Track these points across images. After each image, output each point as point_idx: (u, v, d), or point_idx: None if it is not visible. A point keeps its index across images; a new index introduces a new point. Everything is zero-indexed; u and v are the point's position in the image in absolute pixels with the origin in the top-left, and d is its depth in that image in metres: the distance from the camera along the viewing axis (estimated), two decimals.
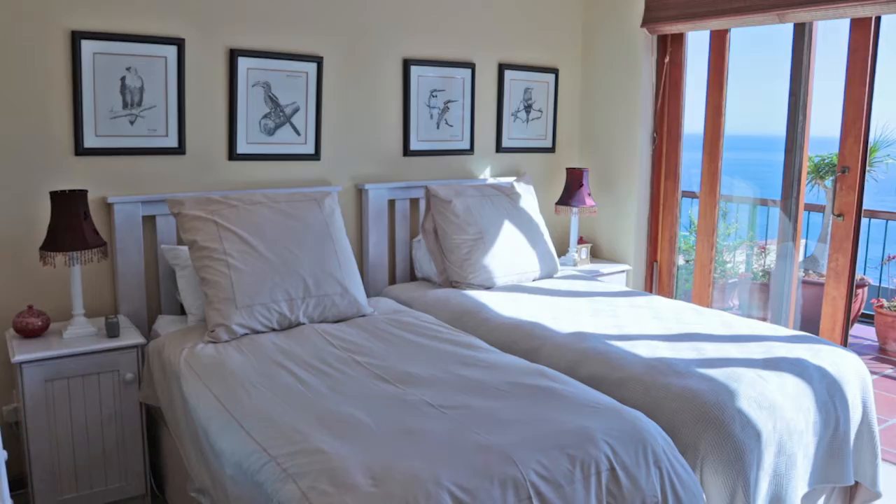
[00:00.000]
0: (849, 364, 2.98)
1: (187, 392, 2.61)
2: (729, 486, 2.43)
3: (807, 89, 4.04)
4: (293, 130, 3.82)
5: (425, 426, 2.17)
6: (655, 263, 4.80)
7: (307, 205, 3.40)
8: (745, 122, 5.28)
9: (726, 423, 2.46)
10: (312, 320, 3.19)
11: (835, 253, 3.87)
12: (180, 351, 2.85)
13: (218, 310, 3.00)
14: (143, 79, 3.35)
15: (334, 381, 2.56)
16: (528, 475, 1.95)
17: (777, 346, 3.02)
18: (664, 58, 4.60)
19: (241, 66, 3.60)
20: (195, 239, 3.11)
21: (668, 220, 4.73)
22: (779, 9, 3.80)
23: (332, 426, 2.18)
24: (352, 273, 3.36)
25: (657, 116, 4.66)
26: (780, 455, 2.59)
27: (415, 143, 4.28)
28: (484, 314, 3.44)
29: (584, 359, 2.90)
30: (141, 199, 3.38)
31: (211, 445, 2.33)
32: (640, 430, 2.23)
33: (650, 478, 2.14)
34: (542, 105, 4.82)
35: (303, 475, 1.91)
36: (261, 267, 3.10)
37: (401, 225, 4.23)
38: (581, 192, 4.58)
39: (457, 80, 4.39)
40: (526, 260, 4.03)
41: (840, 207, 3.84)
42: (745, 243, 6.52)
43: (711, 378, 2.65)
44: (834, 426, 2.81)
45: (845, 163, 3.80)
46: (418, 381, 2.54)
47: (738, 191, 6.19)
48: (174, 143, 3.49)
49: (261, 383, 2.53)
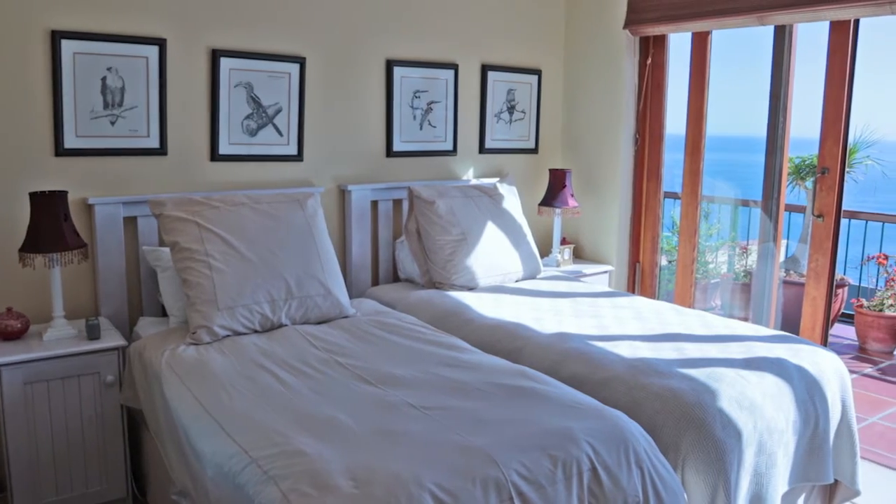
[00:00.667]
0: (828, 363, 3.00)
1: (168, 394, 2.60)
2: (710, 485, 2.44)
3: (787, 91, 4.07)
4: (276, 131, 3.81)
5: (407, 427, 2.17)
6: (638, 264, 4.82)
7: (289, 206, 3.40)
8: (727, 123, 5.32)
9: (707, 422, 2.48)
10: (295, 322, 3.18)
11: (815, 253, 3.90)
12: (161, 353, 2.84)
13: (199, 311, 2.98)
14: (124, 79, 3.33)
15: (316, 382, 2.55)
16: (509, 476, 1.95)
17: (757, 346, 3.04)
18: (646, 59, 4.62)
19: (223, 66, 3.59)
20: (177, 240, 3.10)
21: (650, 220, 4.75)
22: (759, 11, 3.83)
23: (313, 428, 2.18)
24: (334, 274, 3.36)
25: (639, 117, 4.69)
26: (760, 454, 2.61)
27: (398, 143, 4.27)
28: (467, 315, 3.44)
29: (566, 359, 2.91)
30: (122, 201, 3.36)
31: (192, 447, 2.32)
32: (621, 430, 2.24)
33: (632, 478, 2.15)
34: (525, 106, 4.84)
35: (284, 477, 1.90)
36: (243, 268, 3.09)
37: (384, 226, 4.22)
38: (564, 193, 4.59)
39: (440, 80, 4.39)
40: (509, 261, 4.04)
41: (820, 208, 3.87)
42: (727, 244, 6.55)
43: (692, 378, 2.66)
44: (814, 425, 2.83)
45: (825, 164, 3.83)
46: (400, 383, 2.54)
47: (719, 191, 6.22)
48: (156, 144, 3.47)
49: (242, 385, 2.52)
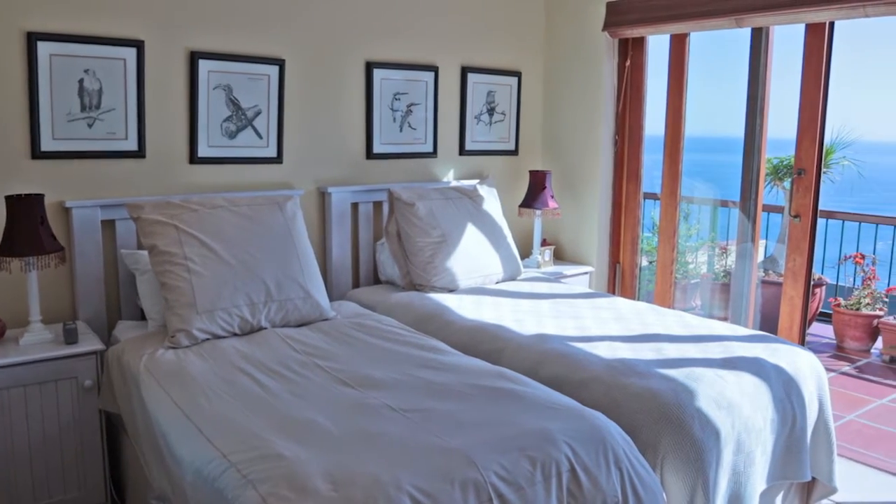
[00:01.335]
0: (805, 362, 3.03)
1: (147, 398, 2.58)
2: (689, 484, 2.46)
3: (764, 92, 4.11)
4: (255, 133, 3.79)
5: (386, 429, 2.17)
6: (618, 265, 4.84)
7: (269, 208, 3.38)
8: (705, 124, 5.35)
9: (686, 422, 2.49)
10: (274, 325, 3.17)
11: (792, 253, 3.94)
12: (140, 357, 2.82)
13: (178, 315, 2.97)
14: (101, 81, 3.31)
15: (295, 385, 2.55)
16: (488, 477, 1.96)
17: (735, 346, 3.06)
18: (625, 61, 4.64)
19: (201, 68, 3.57)
20: (155, 243, 3.08)
21: (630, 221, 4.77)
22: (737, 13, 3.86)
23: (292, 431, 2.17)
24: (314, 277, 3.35)
25: (619, 119, 4.71)
26: (738, 453, 2.63)
27: (378, 145, 4.27)
28: (447, 317, 3.44)
29: (546, 360, 2.92)
30: (100, 203, 3.34)
31: (171, 452, 2.30)
32: (600, 430, 2.25)
33: (610, 478, 2.16)
34: (505, 108, 4.85)
35: (262, 481, 1.90)
36: (222, 271, 3.07)
37: (364, 228, 4.22)
38: (544, 195, 4.60)
39: (420, 83, 4.40)
40: (489, 262, 4.04)
41: (797, 209, 3.90)
42: (706, 244, 6.59)
43: (671, 378, 2.68)
44: (791, 423, 2.86)
45: (801, 165, 3.87)
46: (380, 385, 2.53)
47: (698, 192, 6.26)
48: (134, 147, 3.45)
49: (221, 389, 2.51)
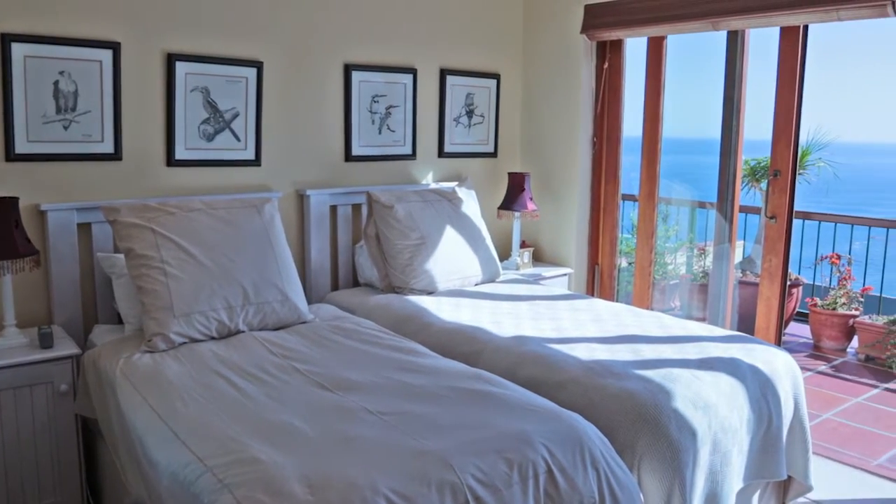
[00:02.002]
0: (781, 362, 3.06)
1: (123, 403, 2.57)
2: (666, 485, 2.47)
3: (740, 94, 4.14)
4: (233, 136, 3.78)
5: (363, 433, 2.17)
6: (597, 266, 4.86)
7: (246, 211, 3.37)
8: (683, 125, 5.39)
9: (662, 423, 2.51)
10: (252, 328, 3.15)
11: (768, 254, 3.98)
12: (116, 361, 2.80)
13: (155, 319, 2.95)
14: (77, 83, 3.29)
15: (273, 389, 2.54)
16: (465, 479, 1.96)
17: (712, 347, 3.08)
18: (603, 64, 4.67)
19: (178, 70, 3.56)
20: (131, 247, 3.05)
21: (608, 223, 4.80)
22: (713, 17, 3.90)
23: (269, 435, 2.16)
24: (292, 280, 3.34)
25: (597, 121, 4.73)
26: (715, 453, 2.65)
27: (357, 148, 4.27)
28: (425, 319, 3.45)
29: (524, 362, 2.92)
30: (75, 207, 3.31)
31: (147, 457, 2.29)
32: (577, 431, 2.26)
33: (587, 479, 2.17)
34: (484, 110, 4.86)
35: (238, 485, 1.89)
36: (199, 275, 3.06)
37: (343, 231, 4.21)
38: (523, 197, 4.62)
39: (399, 85, 4.40)
40: (468, 264, 4.05)
41: (772, 210, 3.94)
42: (685, 245, 6.64)
43: (648, 379, 2.70)
44: (767, 423, 2.88)
45: (777, 166, 3.91)
46: (357, 388, 2.53)
47: (676, 193, 6.30)
48: (110, 149, 3.43)
49: (198, 393, 2.49)
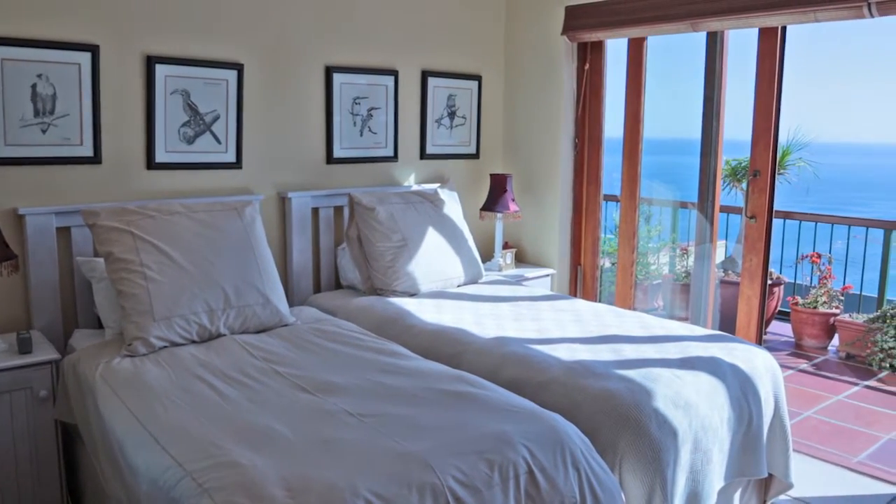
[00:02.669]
0: (761, 361, 3.08)
1: (102, 408, 2.55)
2: (647, 484, 2.48)
3: (719, 95, 4.17)
4: (213, 139, 3.77)
5: (344, 435, 2.17)
6: (579, 267, 4.88)
7: (227, 214, 3.36)
8: (663, 126, 5.40)
9: (643, 422, 2.52)
10: (233, 331, 3.14)
11: (748, 253, 4.00)
12: (96, 366, 2.78)
13: (135, 323, 2.93)
14: (55, 86, 3.26)
15: (254, 392, 2.53)
16: (446, 481, 1.96)
17: (693, 346, 3.09)
18: (584, 65, 4.69)
19: (158, 73, 3.54)
20: (111, 251, 3.04)
21: (590, 223, 4.81)
22: (692, 18, 3.92)
23: (249, 438, 2.16)
24: (273, 282, 3.33)
25: (578, 122, 4.75)
26: (696, 452, 2.66)
27: (338, 150, 4.26)
28: (408, 321, 3.44)
29: (505, 363, 2.93)
30: (54, 210, 3.29)
31: (126, 462, 2.27)
32: (557, 432, 2.27)
33: (568, 479, 2.18)
34: (466, 112, 4.86)
35: (218, 489, 1.88)
36: (179, 278, 3.04)
37: (325, 233, 4.20)
38: (505, 198, 4.63)
39: (380, 87, 4.39)
40: (450, 266, 4.05)
41: (752, 210, 3.97)
42: (668, 245, 6.67)
43: (629, 379, 2.71)
44: (747, 421, 2.90)
45: (756, 167, 3.93)
46: (338, 390, 2.53)
47: (657, 194, 6.33)
48: (89, 153, 3.41)
49: (178, 397, 2.48)
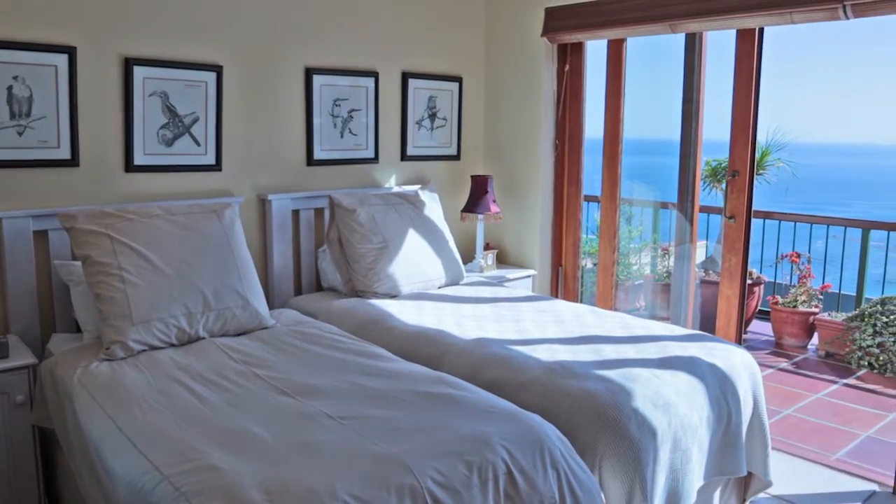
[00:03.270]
0: (740, 360, 3.09)
1: (80, 412, 2.53)
2: (627, 483, 2.49)
3: (698, 96, 4.20)
4: (193, 141, 3.75)
5: (323, 438, 2.16)
6: (561, 268, 4.89)
7: (206, 217, 3.34)
8: (643, 127, 5.42)
9: (623, 422, 2.53)
10: (213, 334, 3.12)
11: (728, 253, 4.03)
12: (74, 370, 2.76)
13: (113, 326, 2.91)
14: (31, 88, 3.24)
15: (233, 395, 2.52)
16: (424, 483, 1.96)
17: (672, 346, 3.11)
18: (564, 66, 4.70)
19: (136, 75, 3.52)
20: (88, 254, 3.01)
21: (571, 224, 4.83)
22: (671, 19, 3.94)
23: (228, 442, 2.15)
24: (253, 285, 3.32)
25: (559, 123, 4.76)
26: (675, 451, 2.68)
27: (318, 152, 4.25)
28: (388, 323, 3.44)
29: (486, 364, 2.93)
30: (31, 214, 3.26)
31: (104, 467, 2.26)
32: (536, 432, 2.27)
33: (547, 479, 2.18)
34: (447, 113, 4.86)
35: (196, 493, 1.87)
36: (158, 281, 3.02)
37: (306, 235, 4.19)
38: (486, 199, 4.63)
39: (360, 88, 4.39)
40: (431, 267, 4.05)
41: (731, 210, 3.99)
42: (649, 245, 6.70)
43: (608, 379, 2.72)
44: (726, 420, 2.92)
45: (735, 167, 3.96)
46: (318, 393, 2.52)
47: (638, 194, 6.35)
48: (67, 155, 3.38)
49: (156, 401, 2.47)
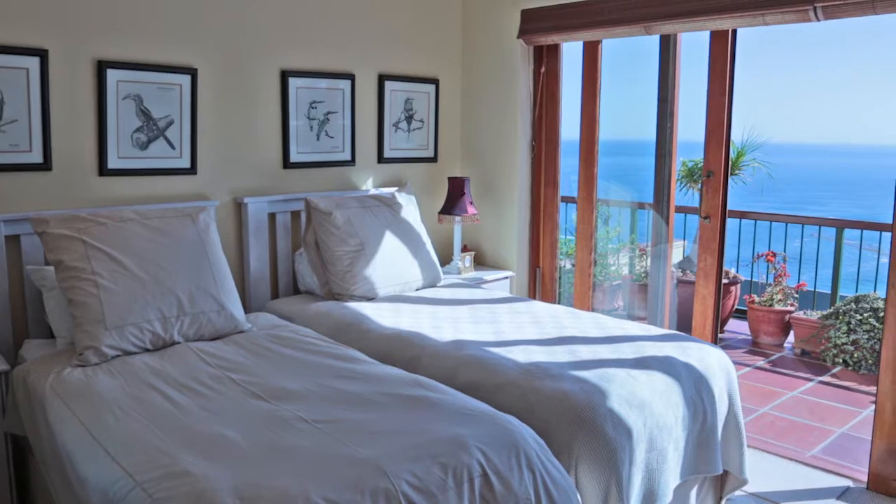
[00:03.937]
0: (715, 359, 3.12)
1: (52, 419, 2.50)
2: (603, 484, 2.50)
3: (673, 97, 4.23)
4: (167, 144, 3.72)
5: (297, 442, 2.16)
6: (538, 269, 4.90)
7: (180, 220, 3.32)
8: (619, 128, 5.45)
9: (598, 423, 2.54)
10: (188, 339, 3.10)
11: (703, 253, 4.06)
12: (46, 376, 2.73)
13: (86, 332, 2.88)
14: (2, 91, 3.20)
15: (207, 400, 2.50)
16: (399, 486, 1.95)
17: (648, 346, 3.13)
18: (540, 68, 4.72)
19: (110, 78, 3.49)
20: (61, 259, 2.98)
21: (548, 226, 4.84)
22: (645, 21, 3.96)
23: (201, 447, 2.14)
24: (228, 289, 3.30)
25: (535, 124, 4.78)
26: (651, 451, 2.69)
27: (295, 155, 4.23)
28: (365, 325, 3.44)
29: (462, 366, 2.93)
30: (3, 218, 3.22)
31: (76, 474, 2.24)
32: (511, 434, 2.27)
33: (523, 481, 2.19)
34: (424, 115, 4.86)
35: (168, 499, 1.86)
36: (132, 286, 3.00)
37: (282, 238, 4.18)
38: (463, 201, 4.64)
39: (336, 91, 4.38)
40: (408, 270, 4.05)
41: (706, 210, 4.02)
42: (627, 246, 6.73)
43: (584, 380, 2.73)
44: (702, 419, 2.94)
45: (710, 167, 3.99)
46: (293, 397, 2.51)
47: (615, 195, 6.39)
48: (39, 159, 3.34)
49: (130, 406, 2.45)
